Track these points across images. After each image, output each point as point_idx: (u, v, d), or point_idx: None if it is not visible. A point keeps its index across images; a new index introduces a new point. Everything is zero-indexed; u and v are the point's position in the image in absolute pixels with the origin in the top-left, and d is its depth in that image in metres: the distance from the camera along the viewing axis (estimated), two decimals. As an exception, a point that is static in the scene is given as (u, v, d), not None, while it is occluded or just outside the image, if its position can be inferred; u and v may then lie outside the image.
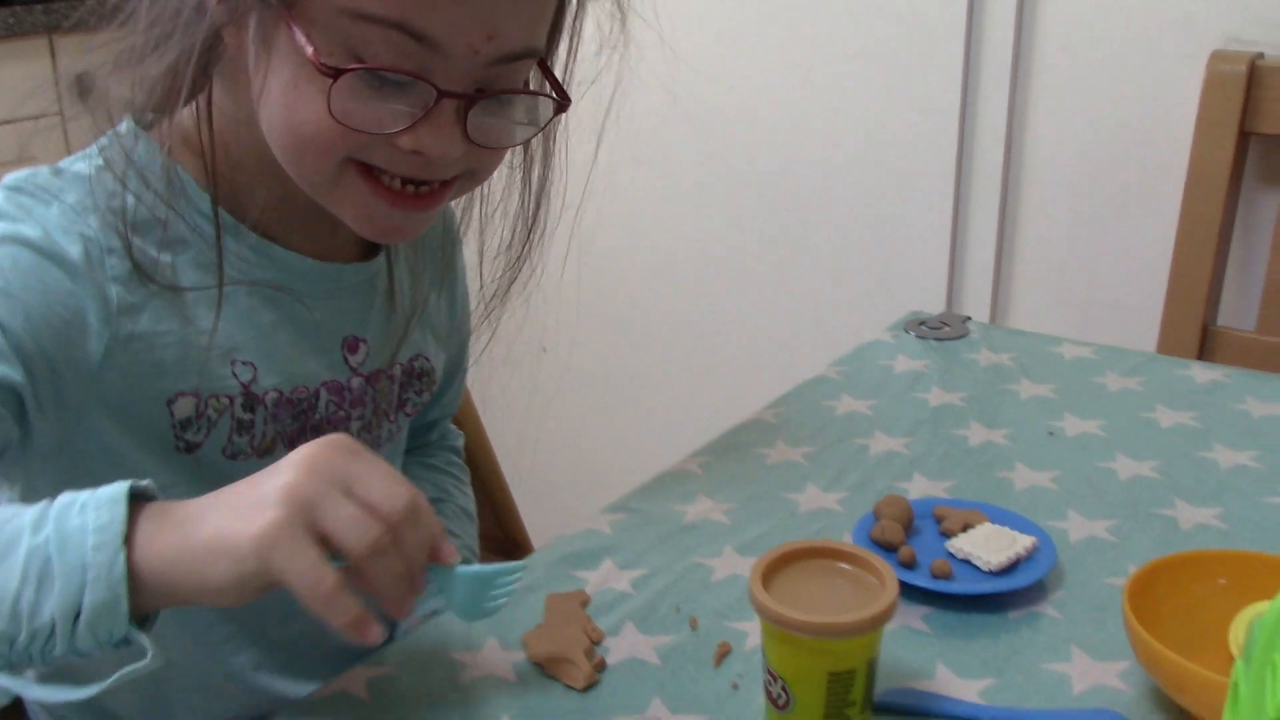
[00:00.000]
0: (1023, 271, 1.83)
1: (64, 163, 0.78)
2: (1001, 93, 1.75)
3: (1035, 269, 1.82)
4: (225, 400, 0.80)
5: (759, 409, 1.13)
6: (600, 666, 0.77)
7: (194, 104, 0.79)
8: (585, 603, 0.84)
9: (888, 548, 0.86)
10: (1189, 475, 0.99)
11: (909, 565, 0.85)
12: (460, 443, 1.14)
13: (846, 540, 0.89)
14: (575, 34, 0.81)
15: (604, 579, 0.86)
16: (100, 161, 0.77)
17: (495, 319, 0.92)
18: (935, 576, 0.84)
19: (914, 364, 1.21)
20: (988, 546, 0.86)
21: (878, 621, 0.68)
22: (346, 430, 0.88)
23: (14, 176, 0.76)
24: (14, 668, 0.62)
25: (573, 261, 0.97)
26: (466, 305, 1.01)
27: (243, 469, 0.67)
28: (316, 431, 0.85)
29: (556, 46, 0.81)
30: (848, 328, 1.90)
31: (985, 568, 0.84)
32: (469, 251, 0.92)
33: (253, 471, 0.65)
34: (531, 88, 0.79)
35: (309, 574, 0.61)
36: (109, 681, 0.63)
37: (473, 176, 0.80)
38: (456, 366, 1.04)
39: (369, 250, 0.89)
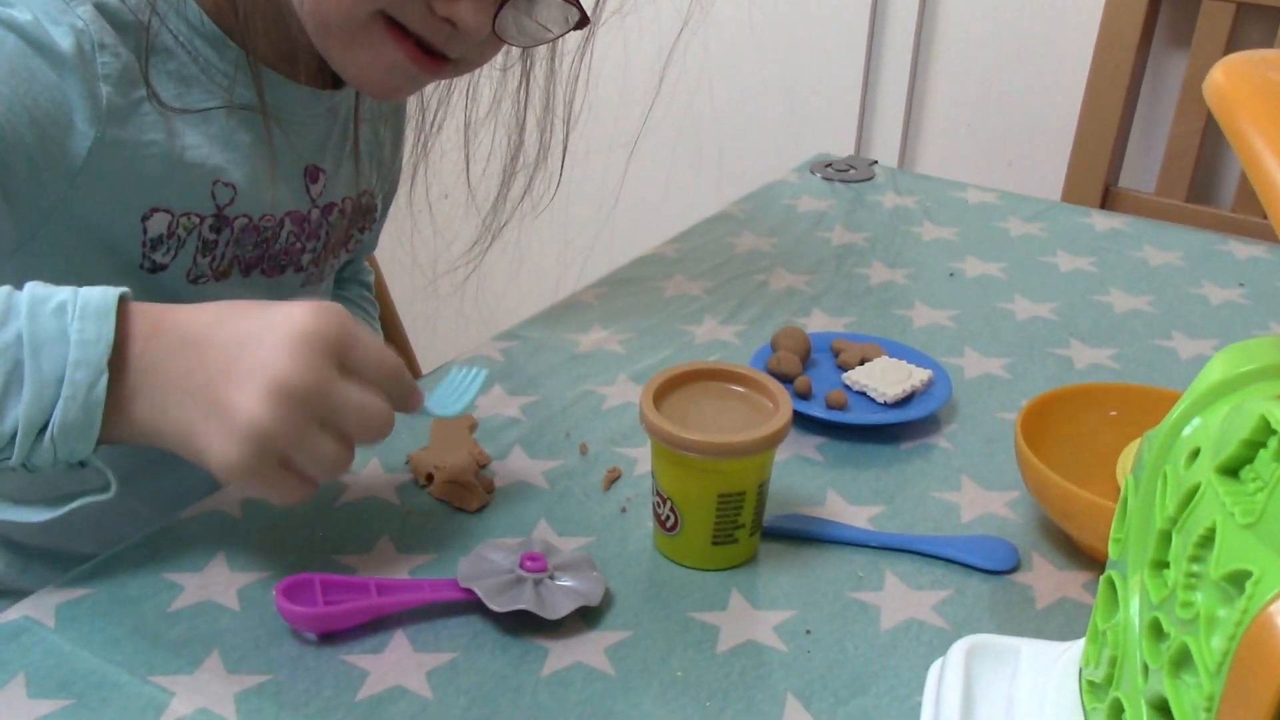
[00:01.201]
0: (932, 121, 1.81)
1: None
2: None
3: (945, 119, 1.80)
4: (196, 219, 0.76)
5: (657, 244, 1.10)
6: (489, 489, 0.75)
7: None
8: (473, 427, 0.81)
9: (784, 379, 0.85)
10: (1085, 317, 0.99)
11: (805, 396, 0.84)
12: (371, 279, 1.12)
13: (742, 371, 0.88)
14: None
15: (493, 405, 0.84)
16: None
17: (495, 228, 0.91)
18: (830, 407, 0.82)
19: (818, 204, 1.19)
20: (884, 379, 0.85)
21: (770, 442, 0.67)
22: (298, 262, 0.86)
23: None
24: None
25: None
26: (403, 146, 0.98)
27: (206, 293, 0.65)
28: (273, 261, 0.83)
29: None
30: (755, 169, 1.87)
31: (880, 400, 0.84)
32: (455, 157, 0.90)
33: (216, 296, 0.62)
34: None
35: (280, 497, 0.62)
36: (66, 509, 0.61)
37: (468, 62, 0.79)
38: (385, 206, 1.01)
39: (327, 80, 0.85)
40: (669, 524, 0.69)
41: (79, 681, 0.58)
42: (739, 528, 0.68)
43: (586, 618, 0.64)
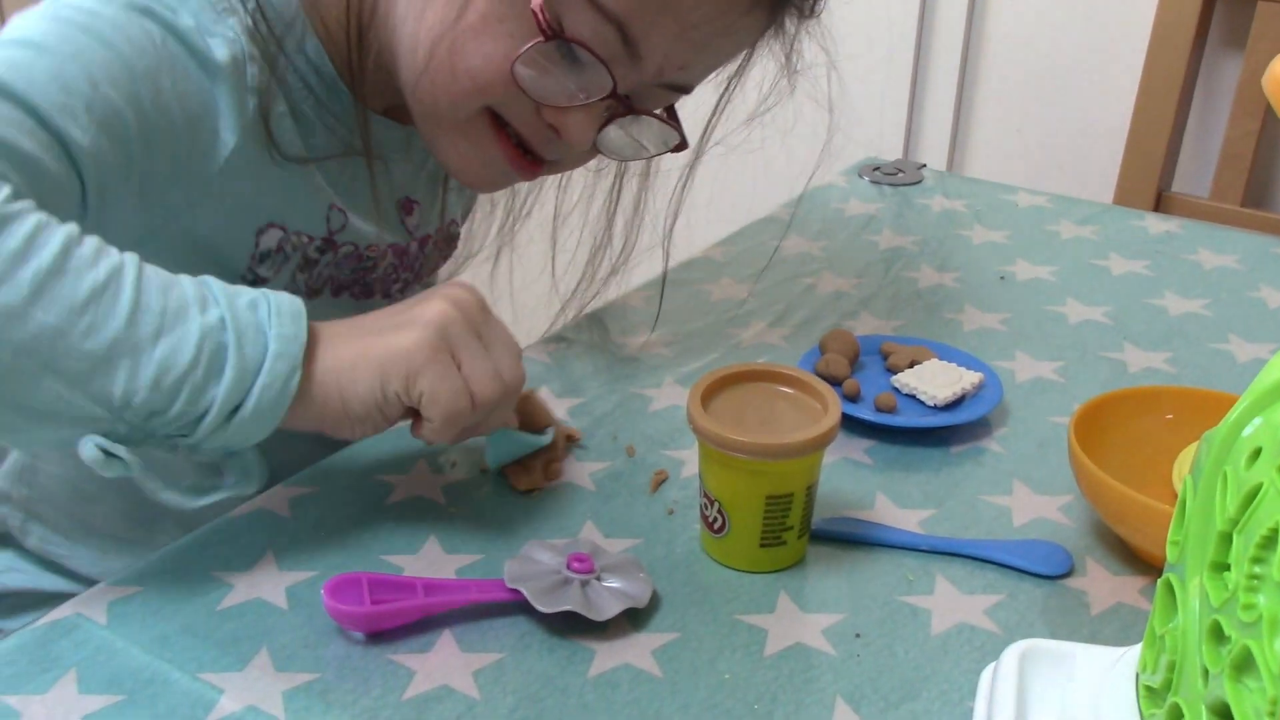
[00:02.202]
0: (981, 125, 1.80)
1: None
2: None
3: (994, 123, 1.78)
4: (307, 239, 0.78)
5: (706, 247, 1.10)
6: (552, 476, 0.76)
7: None
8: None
9: (833, 381, 0.84)
10: (1139, 321, 0.97)
11: (853, 398, 0.83)
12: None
13: (790, 373, 0.87)
14: (734, 84, 0.84)
15: (540, 407, 0.84)
16: None
17: (568, 313, 0.94)
18: (880, 410, 0.82)
19: (866, 207, 1.18)
20: (934, 382, 0.84)
21: (818, 444, 0.66)
22: (388, 291, 0.88)
23: None
24: (134, 443, 0.60)
25: None
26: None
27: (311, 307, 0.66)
28: (365, 287, 0.86)
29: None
30: (804, 172, 1.86)
31: (930, 402, 0.83)
32: (543, 244, 0.94)
33: (319, 313, 0.65)
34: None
35: (453, 399, 0.64)
36: (212, 498, 0.64)
37: (562, 164, 0.82)
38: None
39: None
40: (716, 526, 0.68)
41: (129, 678, 0.59)
42: (787, 530, 0.68)
43: (633, 619, 0.64)
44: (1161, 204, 1.68)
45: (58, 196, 0.62)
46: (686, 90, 0.78)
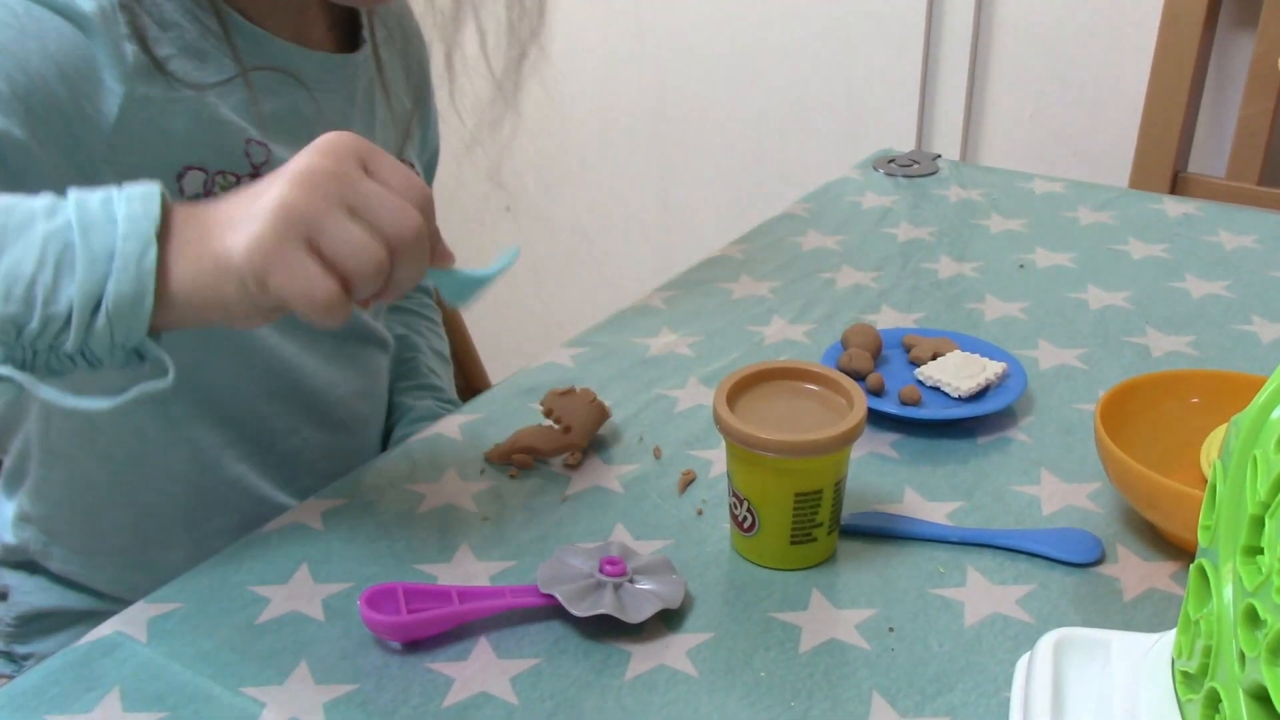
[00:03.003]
0: (994, 113, 1.79)
1: None
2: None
3: (1006, 110, 1.78)
4: (233, 179, 0.76)
5: (724, 245, 1.10)
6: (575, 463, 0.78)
7: None
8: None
9: (856, 375, 0.84)
10: (1161, 305, 0.97)
11: (877, 392, 0.83)
12: (431, 283, 1.11)
13: (813, 370, 0.87)
14: None
15: (565, 411, 0.84)
16: None
17: (512, 97, 0.88)
18: (904, 403, 0.82)
19: (882, 200, 1.18)
20: (957, 373, 0.84)
21: (846, 439, 0.66)
22: None
23: None
24: (20, 364, 0.58)
25: (534, 110, 0.93)
26: (437, 121, 0.99)
27: None
28: None
29: None
30: (818, 167, 1.86)
31: (954, 394, 0.83)
32: (470, 41, 0.88)
33: None
34: None
35: (306, 292, 0.57)
36: (127, 396, 0.59)
37: None
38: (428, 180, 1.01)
39: (343, 44, 0.86)
40: (746, 524, 0.69)
41: (173, 694, 0.59)
42: (817, 526, 0.68)
43: (667, 621, 0.64)
44: (1178, 185, 1.67)
45: None
46: None
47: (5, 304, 0.55)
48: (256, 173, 0.77)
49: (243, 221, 0.57)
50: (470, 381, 1.35)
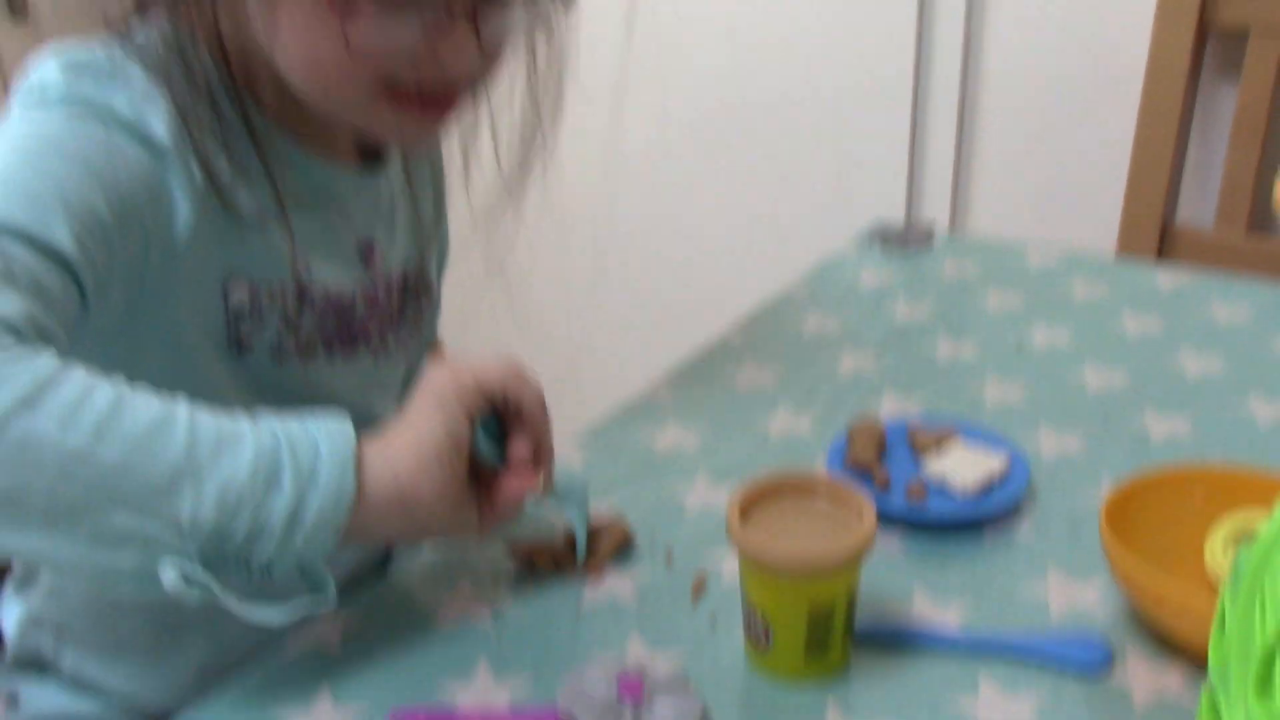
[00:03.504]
0: (982, 172, 1.81)
1: (106, 43, 0.76)
2: (959, -9, 1.72)
3: (994, 169, 1.80)
4: (278, 290, 0.80)
5: (725, 327, 1.11)
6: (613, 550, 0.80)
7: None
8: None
9: (862, 471, 0.86)
10: (1158, 384, 0.99)
11: (884, 489, 0.84)
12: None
13: (820, 464, 0.89)
14: None
15: (576, 513, 0.85)
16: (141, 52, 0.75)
17: (517, 194, 0.91)
18: (910, 500, 0.83)
19: (880, 277, 1.20)
20: (961, 467, 0.85)
21: (857, 556, 0.68)
22: (369, 338, 0.89)
23: (69, 54, 0.74)
24: (210, 567, 0.62)
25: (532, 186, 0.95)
26: (446, 211, 1.02)
27: (290, 374, 0.71)
28: (352, 338, 0.87)
29: None
30: (811, 237, 1.88)
31: (960, 489, 0.84)
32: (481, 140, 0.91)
33: (300, 378, 0.71)
34: None
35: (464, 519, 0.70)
36: (292, 609, 0.65)
37: (479, 83, 0.81)
38: (439, 279, 1.03)
39: (367, 155, 0.89)
40: (761, 639, 0.70)
41: (202, 835, 0.60)
42: (831, 638, 0.69)
43: (688, 741, 0.65)
44: (1167, 235, 1.69)
45: (65, 306, 0.65)
46: None
47: (217, 511, 0.61)
48: (301, 286, 0.81)
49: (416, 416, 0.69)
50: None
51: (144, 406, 0.61)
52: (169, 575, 0.61)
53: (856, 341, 1.08)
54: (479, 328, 1.07)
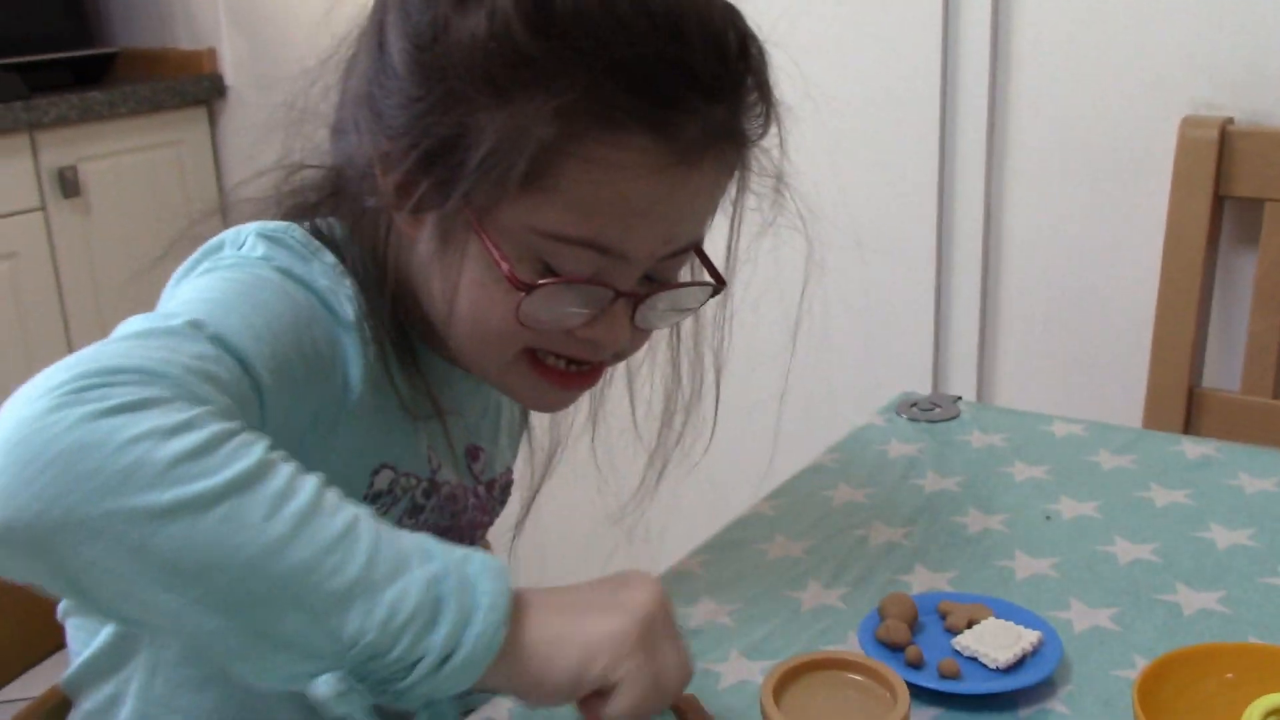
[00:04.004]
0: (1007, 344, 1.84)
1: (297, 223, 0.81)
2: (977, 167, 1.78)
3: (1019, 341, 1.83)
4: (414, 480, 0.84)
5: (756, 500, 1.13)
6: None
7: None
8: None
9: (894, 648, 0.86)
10: (1188, 557, 0.99)
11: (916, 665, 0.85)
12: None
13: (852, 640, 0.89)
14: (737, 216, 0.87)
15: (611, 690, 0.86)
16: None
17: (659, 465, 0.98)
18: (944, 677, 0.84)
19: (908, 448, 1.22)
20: (994, 643, 0.86)
21: (892, 736, 0.68)
22: (472, 537, 0.93)
23: (267, 226, 0.79)
24: (364, 683, 0.63)
25: None
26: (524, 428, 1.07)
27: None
28: (459, 533, 0.91)
29: (709, 227, 0.86)
30: (838, 410, 1.91)
31: (993, 665, 0.84)
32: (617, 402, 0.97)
33: None
34: (687, 273, 0.86)
35: (648, 690, 0.67)
36: None
37: (623, 355, 0.87)
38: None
39: None
40: (797, 820, 0.70)
41: None
42: (867, 820, 0.69)
43: None
44: (1194, 399, 1.71)
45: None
46: (688, 249, 0.82)
47: (380, 633, 0.61)
48: (433, 478, 0.86)
49: (605, 610, 0.68)
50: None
51: (337, 510, 0.63)
52: (324, 687, 0.61)
53: (886, 514, 1.09)
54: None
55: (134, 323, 0.68)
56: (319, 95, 0.84)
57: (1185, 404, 1.71)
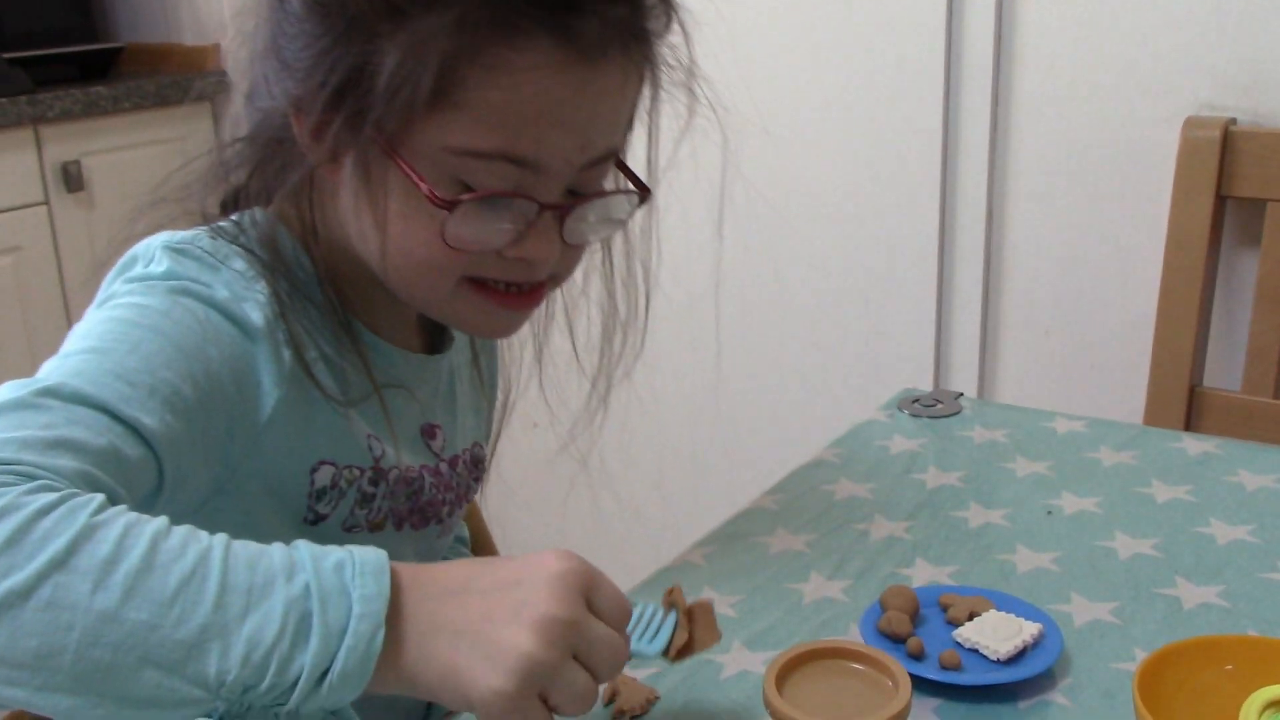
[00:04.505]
0: (1008, 342, 1.85)
1: (212, 229, 0.82)
2: (980, 167, 1.78)
3: (1021, 339, 1.84)
4: (358, 472, 0.84)
5: (758, 495, 1.13)
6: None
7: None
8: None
9: (895, 639, 0.87)
10: (1188, 552, 1.00)
11: (917, 656, 0.85)
12: (466, 533, 1.17)
13: (854, 632, 0.90)
14: (653, 124, 0.86)
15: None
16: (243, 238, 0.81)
17: (605, 400, 0.96)
18: (945, 668, 0.84)
19: (909, 444, 1.22)
20: (994, 635, 0.86)
21: (894, 723, 0.69)
22: (439, 514, 0.93)
23: (174, 237, 0.80)
24: (237, 716, 0.62)
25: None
26: (497, 388, 1.06)
27: (358, 542, 0.67)
28: (421, 514, 0.90)
29: (629, 139, 0.86)
30: (840, 406, 1.91)
31: (993, 657, 0.85)
32: (562, 339, 0.96)
33: (362, 543, 0.67)
34: (611, 184, 0.85)
35: (573, 699, 0.65)
36: None
37: (558, 277, 0.86)
38: (491, 453, 1.07)
39: (433, 339, 0.94)
40: (799, 807, 0.70)
41: None
42: (868, 808, 0.70)
43: None
44: (1195, 400, 1.72)
45: (141, 478, 0.69)
46: (606, 158, 0.81)
47: (243, 668, 0.60)
48: (376, 465, 0.85)
49: (483, 652, 0.63)
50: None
51: (178, 557, 0.61)
52: None
53: (888, 508, 1.09)
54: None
55: None
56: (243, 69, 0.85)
57: (1186, 403, 1.71)
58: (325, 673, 0.61)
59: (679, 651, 0.75)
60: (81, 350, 0.71)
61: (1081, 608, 0.93)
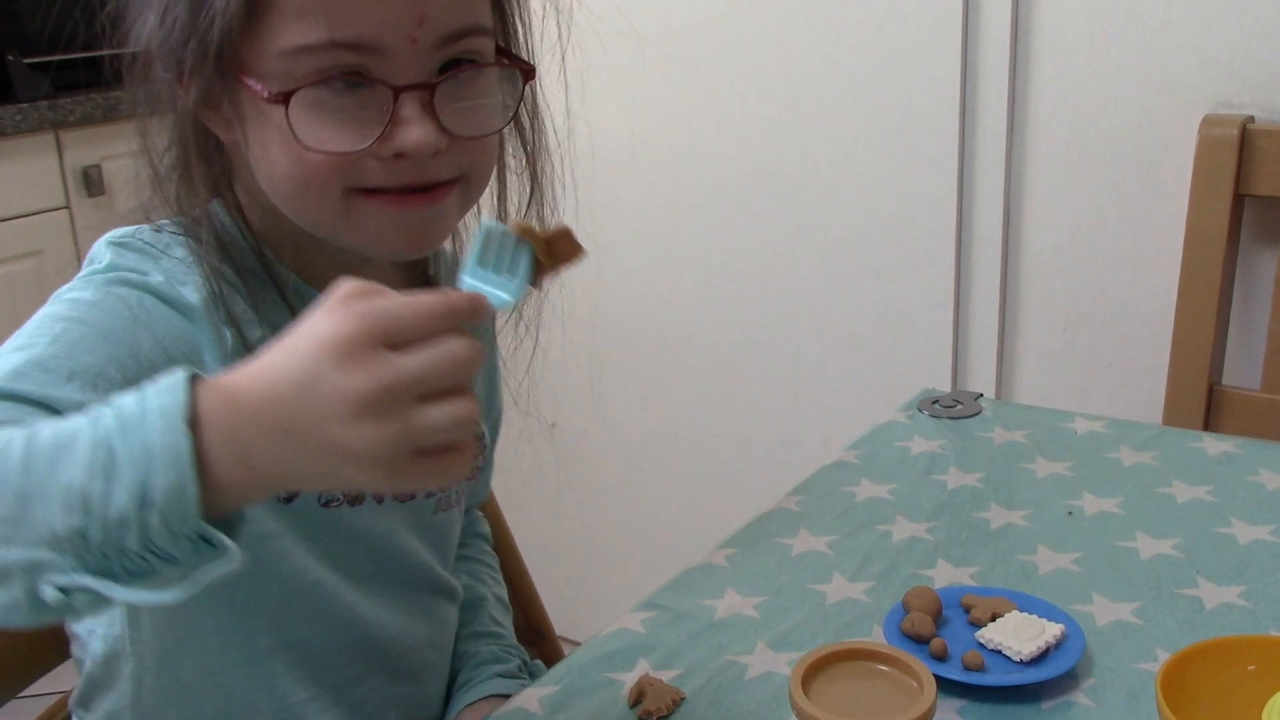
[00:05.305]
0: (1027, 342, 1.85)
1: (160, 224, 0.83)
2: (997, 166, 1.79)
3: (1039, 339, 1.84)
4: None
5: (780, 495, 1.14)
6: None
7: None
8: None
9: (919, 640, 0.88)
10: (1210, 552, 1.00)
11: (941, 657, 0.86)
12: (488, 529, 1.18)
13: (877, 633, 0.91)
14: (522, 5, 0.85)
15: (640, 680, 0.87)
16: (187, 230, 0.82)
17: (535, 326, 0.94)
18: (968, 668, 0.85)
19: (930, 445, 1.23)
20: (1017, 636, 0.87)
21: (920, 725, 0.69)
22: (431, 491, 0.93)
23: (117, 233, 0.81)
24: (99, 571, 0.59)
25: (581, 337, 1.00)
26: (499, 385, 1.06)
27: (339, 518, 0.66)
28: (412, 494, 0.91)
29: (513, 20, 0.84)
30: (859, 407, 1.92)
31: (1016, 658, 0.86)
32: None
33: (350, 521, 0.65)
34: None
35: (437, 479, 0.61)
36: (188, 582, 0.60)
37: (469, 179, 0.82)
38: (489, 449, 1.07)
39: None
40: (825, 808, 0.71)
41: None
42: (894, 808, 0.70)
43: None
44: (1214, 399, 1.71)
45: None
46: (468, 33, 0.78)
47: (67, 517, 0.58)
48: None
49: (326, 452, 0.58)
50: (530, 620, 1.38)
51: (9, 445, 0.59)
52: (47, 593, 0.59)
53: (909, 509, 1.10)
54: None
55: None
56: None
57: (1205, 402, 1.71)
58: (148, 500, 0.58)
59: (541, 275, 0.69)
60: (9, 350, 0.72)
61: (1103, 608, 0.93)
